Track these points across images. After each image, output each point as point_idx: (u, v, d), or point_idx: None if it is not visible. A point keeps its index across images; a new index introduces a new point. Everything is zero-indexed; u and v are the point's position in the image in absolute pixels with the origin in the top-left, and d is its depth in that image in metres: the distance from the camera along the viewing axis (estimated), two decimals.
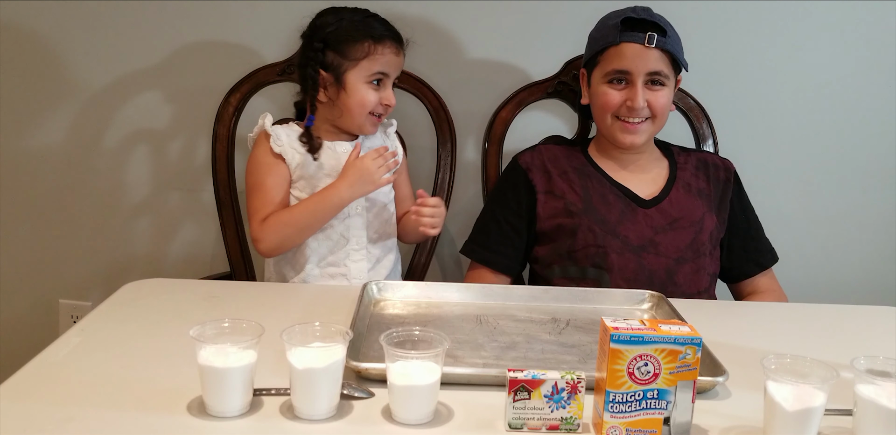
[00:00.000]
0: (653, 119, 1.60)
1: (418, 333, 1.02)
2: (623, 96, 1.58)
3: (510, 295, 1.42)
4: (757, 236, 1.71)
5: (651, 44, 1.54)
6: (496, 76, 1.95)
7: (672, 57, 1.57)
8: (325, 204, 1.56)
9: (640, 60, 1.55)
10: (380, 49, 1.58)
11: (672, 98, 1.63)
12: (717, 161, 1.71)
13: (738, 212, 1.68)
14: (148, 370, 1.08)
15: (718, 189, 1.67)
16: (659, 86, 1.58)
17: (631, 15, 1.58)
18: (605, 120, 1.62)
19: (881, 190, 2.00)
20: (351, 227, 1.62)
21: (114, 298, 1.36)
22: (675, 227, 1.60)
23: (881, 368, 0.96)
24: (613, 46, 1.57)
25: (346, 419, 0.97)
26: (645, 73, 1.56)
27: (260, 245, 1.58)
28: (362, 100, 1.59)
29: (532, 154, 1.70)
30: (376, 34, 1.58)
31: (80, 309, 2.15)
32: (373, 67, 1.58)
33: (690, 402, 0.94)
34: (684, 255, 1.59)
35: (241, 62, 1.88)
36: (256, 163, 1.62)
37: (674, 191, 1.64)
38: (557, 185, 1.64)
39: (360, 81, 1.58)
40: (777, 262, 1.71)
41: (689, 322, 1.07)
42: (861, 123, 1.97)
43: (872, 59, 1.93)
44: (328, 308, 1.35)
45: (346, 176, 1.56)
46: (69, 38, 2.01)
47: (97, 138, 2.06)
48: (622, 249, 1.57)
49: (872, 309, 1.49)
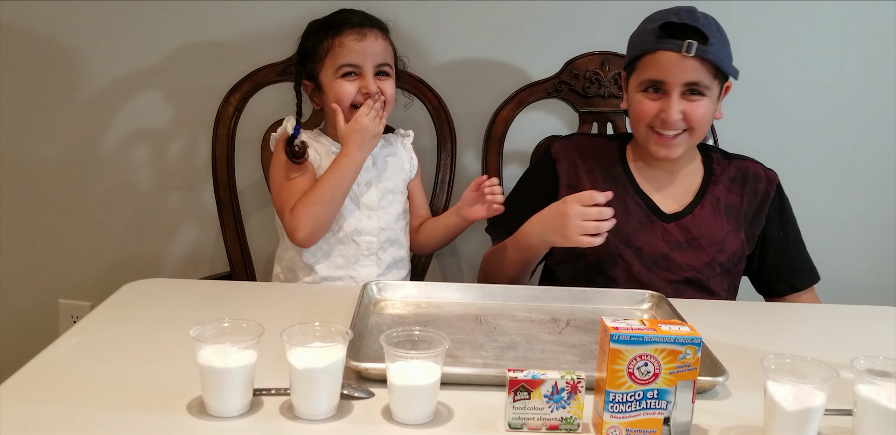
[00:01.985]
0: (690, 131, 1.50)
1: (418, 333, 1.01)
2: (658, 107, 1.49)
3: (510, 295, 1.42)
4: (795, 255, 1.62)
5: (689, 53, 1.43)
6: (496, 76, 1.95)
7: (714, 65, 1.46)
8: (343, 171, 1.55)
9: (677, 70, 1.45)
10: (338, 41, 1.56)
11: (715, 108, 1.52)
12: (759, 172, 1.61)
13: (775, 228, 1.60)
14: (148, 370, 1.08)
15: (754, 203, 1.59)
16: (698, 96, 1.48)
17: (672, 19, 1.46)
18: (639, 129, 1.54)
19: (881, 190, 2.00)
20: (362, 232, 1.62)
21: (114, 298, 1.36)
22: (693, 245, 1.54)
23: (881, 368, 0.96)
24: (650, 54, 1.48)
25: (346, 419, 0.97)
26: (681, 84, 1.46)
27: (297, 234, 1.55)
28: (336, 95, 1.58)
29: (565, 143, 1.65)
30: (333, 28, 1.56)
31: (80, 309, 2.15)
32: (337, 62, 1.56)
33: (690, 402, 0.94)
34: (697, 274, 1.54)
35: (241, 62, 1.88)
36: (280, 164, 1.61)
37: (699, 208, 1.57)
38: (581, 181, 1.59)
39: (331, 78, 1.58)
40: (816, 282, 1.63)
41: (689, 322, 1.07)
42: (861, 123, 1.97)
43: (873, 59, 1.93)
44: (328, 308, 1.35)
45: (348, 142, 1.55)
46: (69, 39, 2.01)
47: (97, 138, 2.06)
48: (633, 260, 1.53)
49: (872, 309, 1.49)
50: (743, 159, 1.65)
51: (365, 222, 1.62)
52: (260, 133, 1.85)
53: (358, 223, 1.62)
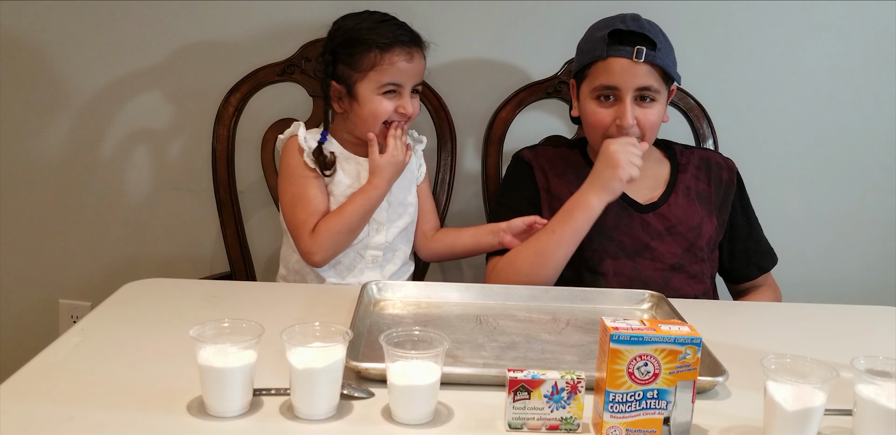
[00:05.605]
0: (643, 137, 1.54)
1: (418, 333, 1.01)
2: (612, 115, 1.53)
3: (510, 295, 1.42)
4: (758, 239, 1.69)
5: (640, 58, 1.48)
6: (496, 76, 1.95)
7: (662, 70, 1.51)
8: (374, 202, 1.56)
9: (629, 76, 1.49)
10: (387, 58, 1.53)
11: (664, 112, 1.57)
12: (719, 160, 1.68)
13: (739, 214, 1.66)
14: (148, 370, 1.08)
15: (721, 190, 1.64)
16: (649, 102, 1.53)
17: (619, 26, 1.51)
18: (595, 138, 1.57)
19: (881, 190, 2.00)
20: (369, 246, 1.62)
21: (114, 298, 1.36)
22: (672, 232, 1.58)
23: (881, 368, 0.96)
24: (601, 60, 1.52)
25: (346, 419, 0.97)
26: (634, 89, 1.50)
27: (315, 257, 1.55)
28: (375, 111, 1.55)
29: (532, 152, 1.69)
30: (382, 42, 1.53)
31: (80, 309, 2.15)
32: (382, 79, 1.54)
33: (690, 402, 0.94)
34: (680, 260, 1.57)
35: (241, 62, 1.88)
36: (293, 174, 1.59)
37: (673, 196, 1.62)
38: (555, 185, 1.63)
39: (372, 93, 1.55)
40: (777, 263, 1.71)
41: (689, 322, 1.07)
42: (861, 123, 1.97)
43: (872, 59, 1.93)
44: (328, 308, 1.35)
45: (382, 174, 1.55)
46: (69, 39, 2.00)
47: (97, 138, 2.06)
48: (617, 253, 1.56)
49: (872, 309, 1.49)
50: (702, 150, 1.75)
51: (373, 236, 1.62)
52: (260, 133, 1.85)
53: (366, 238, 1.61)
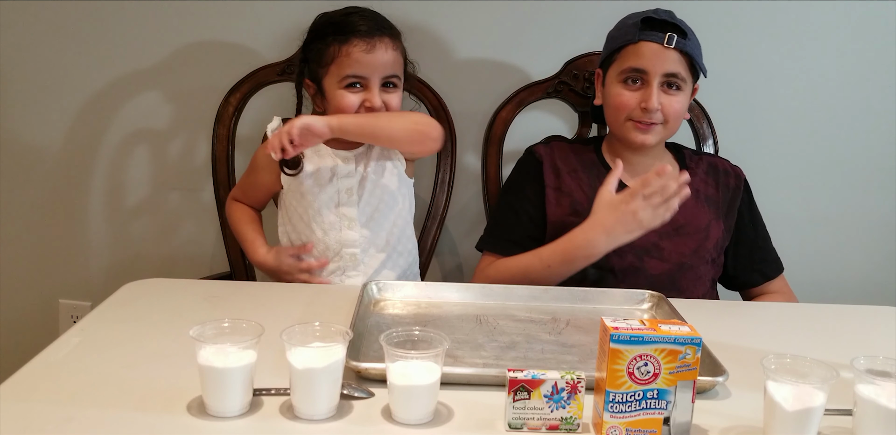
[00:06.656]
0: (665, 124, 1.56)
1: (418, 333, 1.01)
2: (638, 98, 1.55)
3: (510, 295, 1.42)
4: (764, 246, 1.69)
5: (670, 44, 1.52)
6: (496, 76, 1.95)
7: (690, 60, 1.54)
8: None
9: (658, 60, 1.52)
10: (345, 50, 1.50)
11: (687, 106, 1.59)
12: (727, 167, 1.69)
13: (746, 220, 1.67)
14: (148, 370, 1.08)
15: (727, 196, 1.65)
16: (675, 90, 1.55)
17: (652, 15, 1.56)
18: (618, 121, 1.58)
19: (881, 190, 2.00)
20: (344, 244, 1.58)
21: (114, 298, 1.36)
22: (680, 233, 1.58)
23: (881, 368, 0.96)
24: (632, 44, 1.55)
25: (346, 419, 0.97)
26: (662, 74, 1.53)
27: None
28: (339, 105, 1.52)
29: (545, 148, 1.68)
30: (341, 34, 1.50)
31: (80, 309, 2.15)
32: (342, 72, 1.50)
33: (690, 402, 0.94)
34: (688, 261, 1.57)
35: (241, 62, 1.88)
36: (255, 157, 1.67)
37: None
38: (566, 183, 1.62)
39: (335, 87, 1.52)
40: (782, 272, 1.69)
41: (689, 322, 1.07)
42: (861, 124, 1.97)
43: (873, 60, 1.93)
44: (328, 308, 1.35)
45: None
46: (69, 38, 2.01)
47: (97, 138, 2.06)
48: (625, 251, 1.54)
49: (872, 309, 1.49)
50: (710, 156, 1.75)
51: (346, 233, 1.58)
52: (260, 133, 1.84)
53: (339, 235, 1.57)
